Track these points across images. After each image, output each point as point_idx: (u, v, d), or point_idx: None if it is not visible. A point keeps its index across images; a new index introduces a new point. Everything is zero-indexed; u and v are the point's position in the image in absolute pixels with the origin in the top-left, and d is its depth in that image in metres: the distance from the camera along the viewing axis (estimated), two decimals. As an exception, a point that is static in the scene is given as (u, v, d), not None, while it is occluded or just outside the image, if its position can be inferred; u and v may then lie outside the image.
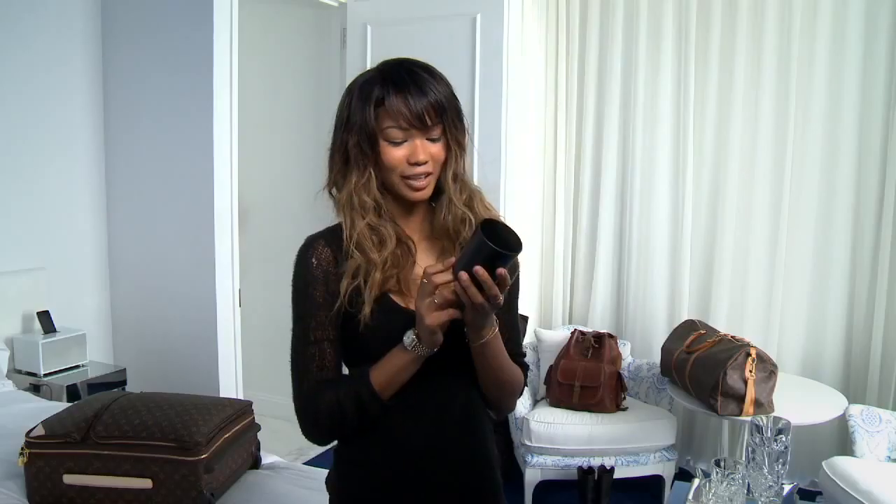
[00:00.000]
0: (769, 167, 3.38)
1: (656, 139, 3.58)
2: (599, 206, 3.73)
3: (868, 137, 3.20)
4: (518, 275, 1.30)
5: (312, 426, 1.24)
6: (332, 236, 1.26)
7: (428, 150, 1.22)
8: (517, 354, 1.34)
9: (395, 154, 1.20)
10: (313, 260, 1.24)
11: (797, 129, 3.31)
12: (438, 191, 1.27)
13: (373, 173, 1.23)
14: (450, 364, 1.22)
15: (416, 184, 1.22)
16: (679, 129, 3.53)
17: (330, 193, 1.30)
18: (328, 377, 1.24)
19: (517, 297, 1.35)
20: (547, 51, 3.79)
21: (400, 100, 1.18)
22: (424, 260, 1.27)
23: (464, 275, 1.06)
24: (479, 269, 1.06)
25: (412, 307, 1.21)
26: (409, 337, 1.16)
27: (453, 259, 1.11)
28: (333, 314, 1.22)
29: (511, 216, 3.33)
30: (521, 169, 3.58)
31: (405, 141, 1.20)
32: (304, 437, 1.25)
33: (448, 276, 1.10)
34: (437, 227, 1.29)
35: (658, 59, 3.53)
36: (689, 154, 3.51)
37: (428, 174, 1.23)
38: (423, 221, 1.31)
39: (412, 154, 1.20)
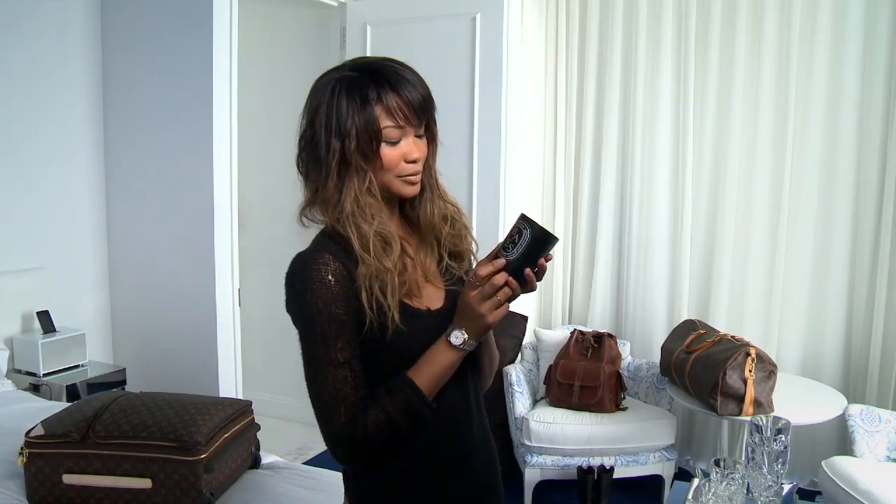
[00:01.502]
0: (769, 167, 3.38)
1: (656, 138, 3.58)
2: (599, 205, 3.73)
3: (868, 138, 3.20)
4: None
5: (361, 450, 1.17)
6: (335, 249, 1.19)
7: (419, 146, 1.23)
8: None
9: (394, 154, 1.20)
10: (329, 277, 1.16)
11: (797, 128, 3.30)
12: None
13: (372, 177, 1.20)
14: (467, 356, 1.23)
15: (412, 179, 1.23)
16: (679, 128, 3.53)
17: (322, 204, 1.23)
18: (363, 396, 1.17)
19: None
20: (546, 50, 3.79)
21: (399, 98, 1.18)
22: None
23: (529, 272, 1.13)
24: (542, 263, 1.14)
25: (422, 307, 1.23)
26: (458, 337, 1.16)
27: (502, 261, 1.13)
28: (365, 330, 1.17)
29: (510, 215, 3.33)
30: (520, 168, 3.58)
31: (400, 140, 1.20)
32: (345, 464, 1.23)
33: (505, 276, 1.13)
34: (423, 223, 1.29)
35: (658, 58, 3.53)
36: (689, 154, 3.51)
37: (419, 171, 1.24)
38: (400, 219, 1.31)
39: (408, 152, 1.21)
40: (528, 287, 1.15)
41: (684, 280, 3.57)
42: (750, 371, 2.70)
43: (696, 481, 1.87)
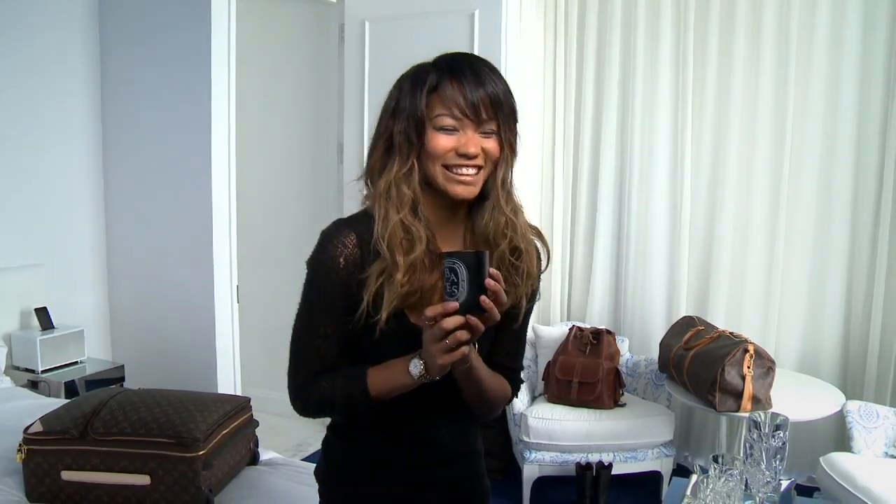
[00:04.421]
0: (767, 163, 3.38)
1: (654, 135, 3.58)
2: (597, 202, 3.73)
3: (866, 134, 3.20)
4: (538, 296, 1.30)
5: (302, 408, 1.25)
6: (364, 231, 1.18)
7: (480, 143, 1.15)
8: (513, 370, 1.33)
9: (443, 142, 1.13)
10: (341, 260, 1.17)
11: (795, 124, 3.30)
12: (482, 197, 1.20)
13: (416, 164, 1.15)
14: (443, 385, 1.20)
15: (462, 177, 1.14)
16: (677, 124, 3.53)
17: (366, 183, 1.22)
18: (327, 369, 1.22)
19: (530, 314, 1.32)
20: (545, 46, 3.78)
21: (455, 86, 1.13)
22: None
23: (485, 299, 1.05)
24: (491, 283, 1.06)
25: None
26: (416, 368, 1.13)
27: (454, 304, 1.06)
28: (355, 318, 1.17)
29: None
30: (518, 165, 3.57)
31: (455, 131, 1.14)
32: (295, 411, 1.27)
33: (459, 319, 1.06)
34: (477, 234, 1.21)
35: (656, 55, 3.53)
36: (688, 149, 3.51)
37: (477, 168, 1.16)
38: (463, 233, 1.24)
39: (462, 145, 1.13)
40: (491, 317, 1.07)
41: (683, 276, 3.57)
42: (748, 367, 2.71)
43: (694, 477, 1.87)
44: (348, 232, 1.19)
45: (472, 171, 1.15)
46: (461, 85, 1.13)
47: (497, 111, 1.15)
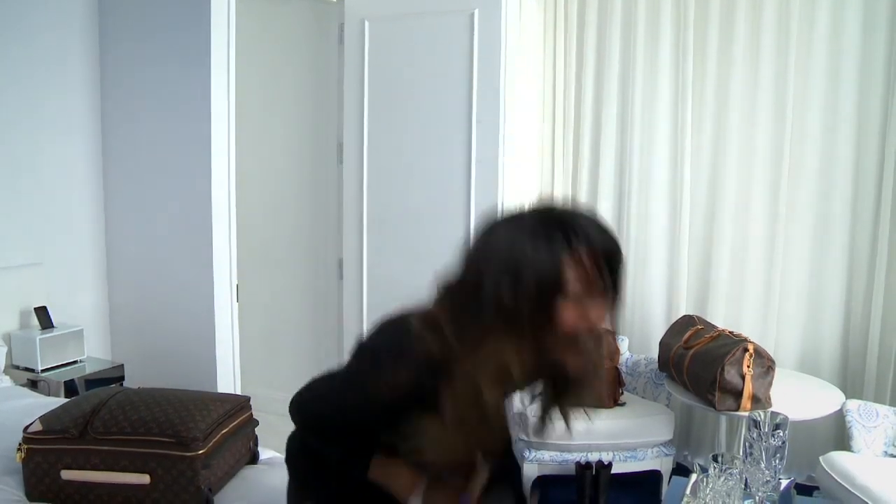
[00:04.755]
0: (767, 162, 3.38)
1: (654, 133, 3.58)
2: (597, 201, 3.73)
3: (866, 133, 3.19)
4: None
5: (296, 422, 1.27)
6: (427, 382, 1.01)
7: (602, 316, 0.99)
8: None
9: (578, 314, 0.95)
10: (390, 395, 1.01)
11: (795, 122, 3.30)
12: None
13: (530, 341, 0.95)
14: None
15: (586, 350, 1.00)
16: (677, 123, 3.53)
17: (452, 345, 0.98)
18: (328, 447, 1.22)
19: None
20: (545, 46, 3.78)
21: (591, 251, 0.94)
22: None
23: None
24: None
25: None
26: None
27: None
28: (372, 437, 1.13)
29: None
30: (518, 166, 3.58)
31: (584, 300, 0.96)
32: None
33: None
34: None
35: (656, 54, 3.53)
36: (687, 149, 3.51)
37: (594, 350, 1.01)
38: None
39: (596, 317, 0.97)
40: None
41: (682, 275, 3.57)
42: (748, 366, 2.71)
43: (693, 476, 1.87)
44: (404, 370, 1.01)
45: (592, 342, 1.00)
46: (597, 250, 0.95)
47: (622, 277, 1.01)
